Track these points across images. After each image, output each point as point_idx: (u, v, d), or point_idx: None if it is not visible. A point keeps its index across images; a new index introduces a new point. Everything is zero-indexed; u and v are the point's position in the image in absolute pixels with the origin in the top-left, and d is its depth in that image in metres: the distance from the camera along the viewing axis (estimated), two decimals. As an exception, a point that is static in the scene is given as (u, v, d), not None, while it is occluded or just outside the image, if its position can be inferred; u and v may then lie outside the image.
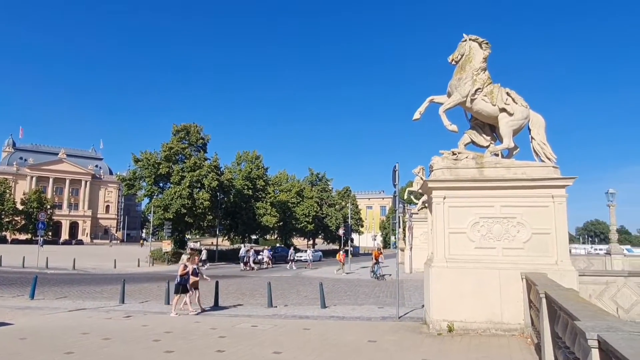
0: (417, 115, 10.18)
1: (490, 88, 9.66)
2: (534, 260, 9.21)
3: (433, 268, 9.79)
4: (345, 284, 23.89)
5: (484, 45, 9.74)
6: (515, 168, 9.34)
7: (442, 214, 9.61)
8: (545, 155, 9.38)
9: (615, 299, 9.70)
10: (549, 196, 9.07)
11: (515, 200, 9.32)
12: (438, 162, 9.76)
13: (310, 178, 72.35)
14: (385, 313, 13.02)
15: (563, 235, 9.07)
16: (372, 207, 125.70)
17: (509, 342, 8.76)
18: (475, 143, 10.37)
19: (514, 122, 9.50)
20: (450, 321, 9.53)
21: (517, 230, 9.30)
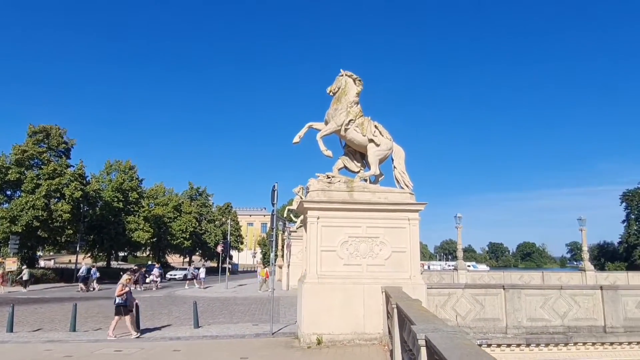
0: (297, 139, 10.86)
1: (362, 120, 10.81)
2: (393, 275, 10.39)
3: (306, 284, 10.37)
4: (221, 302, 23.40)
5: (357, 81, 10.90)
6: (380, 193, 10.53)
7: (315, 233, 10.29)
8: (404, 183, 10.77)
9: (455, 307, 11.41)
10: (405, 219, 10.40)
11: (379, 221, 10.46)
12: (314, 184, 10.49)
13: (190, 192, 69.44)
14: (260, 330, 13.19)
15: (416, 253, 10.45)
16: (253, 223, 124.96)
17: (369, 350, 9.68)
18: (348, 168, 11.41)
19: (380, 152, 10.75)
20: (319, 334, 10.15)
21: (380, 248, 10.43)
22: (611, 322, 11.72)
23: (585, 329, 11.66)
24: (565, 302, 11.71)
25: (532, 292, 11.72)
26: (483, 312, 11.46)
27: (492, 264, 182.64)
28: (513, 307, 11.43)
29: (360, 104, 11.04)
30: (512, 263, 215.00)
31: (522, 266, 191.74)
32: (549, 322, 11.62)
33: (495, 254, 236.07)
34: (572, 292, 11.88)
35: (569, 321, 11.67)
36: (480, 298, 11.49)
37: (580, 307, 11.74)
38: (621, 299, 11.88)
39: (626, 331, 11.72)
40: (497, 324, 11.45)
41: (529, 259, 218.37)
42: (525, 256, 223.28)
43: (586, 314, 11.78)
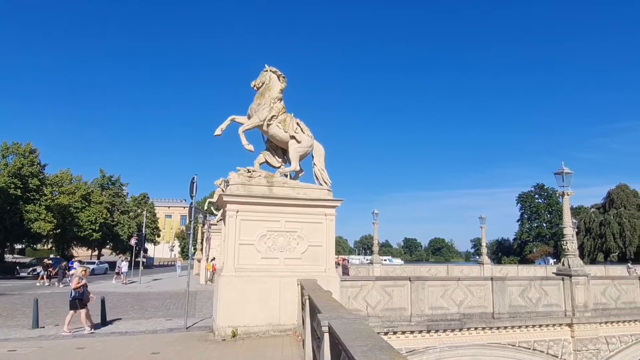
0: (219, 132, 10.78)
1: (284, 117, 11.02)
2: (309, 268, 10.78)
3: (222, 277, 10.38)
4: (133, 297, 22.31)
5: (281, 78, 11.08)
6: (299, 189, 10.85)
7: (234, 226, 10.33)
8: (323, 180, 11.20)
9: (366, 298, 12.14)
10: (323, 214, 10.84)
11: (297, 216, 10.78)
12: (234, 178, 10.51)
13: (101, 180, 64.61)
14: (174, 325, 12.90)
15: (331, 248, 10.95)
16: (172, 215, 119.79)
17: (283, 340, 9.98)
18: (269, 163, 11.56)
19: (301, 148, 11.06)
20: (235, 327, 10.23)
21: (297, 242, 10.76)
22: (499, 309, 13.25)
23: (477, 315, 13.06)
24: (461, 292, 13.00)
25: (434, 284, 12.84)
26: (391, 302, 12.33)
27: (406, 258, 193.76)
28: (417, 297, 12.44)
29: (284, 101, 11.24)
30: (424, 257, 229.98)
31: (432, 260, 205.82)
32: (447, 310, 12.83)
33: (409, 248, 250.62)
34: (468, 283, 13.22)
35: (464, 309, 12.99)
36: (389, 289, 12.33)
37: (474, 296, 13.12)
38: (507, 288, 13.48)
39: (510, 317, 13.34)
40: (402, 313, 12.39)
41: (439, 254, 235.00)
42: (436, 251, 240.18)
43: (479, 302, 13.19)
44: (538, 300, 13.84)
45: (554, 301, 14.01)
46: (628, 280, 16.03)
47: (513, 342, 13.43)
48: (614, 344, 14.82)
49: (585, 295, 14.25)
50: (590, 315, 14.31)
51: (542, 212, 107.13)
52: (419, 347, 12.44)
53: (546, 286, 14.06)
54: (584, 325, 14.15)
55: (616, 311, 14.98)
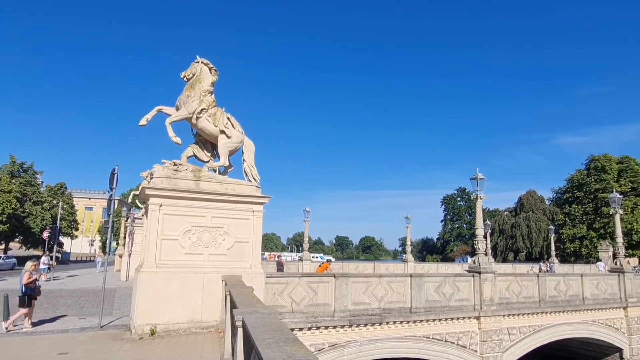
0: (144, 122, 10.33)
1: (215, 110, 10.83)
2: (234, 264, 10.72)
3: (142, 273, 9.99)
4: (42, 295, 20.58)
5: (213, 71, 10.87)
6: (227, 184, 10.73)
7: (156, 220, 9.99)
8: (252, 176, 11.18)
9: (291, 294, 12.33)
10: (250, 210, 10.82)
11: (224, 212, 10.66)
12: (159, 171, 10.14)
13: (11, 167, 58.61)
14: (87, 324, 12.15)
15: (258, 244, 10.97)
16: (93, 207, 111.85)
17: (204, 337, 9.83)
18: (198, 157, 11.30)
19: (231, 144, 10.94)
20: (154, 324, 9.90)
21: (223, 238, 10.64)
22: (416, 303, 14.09)
23: (397, 310, 13.79)
24: (383, 288, 13.66)
25: (357, 280, 13.35)
26: (316, 298, 12.63)
27: (337, 256, 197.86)
28: (341, 293, 12.86)
29: (215, 95, 11.04)
30: (354, 255, 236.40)
31: (362, 258, 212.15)
32: (369, 305, 13.40)
33: (341, 246, 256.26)
34: (389, 280, 13.92)
35: (385, 304, 13.66)
36: (314, 285, 12.62)
37: (394, 292, 13.84)
38: (425, 284, 14.38)
39: (426, 311, 14.24)
40: (326, 309, 12.74)
41: (369, 252, 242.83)
42: (366, 249, 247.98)
43: (398, 298, 13.93)
44: (451, 295, 14.92)
45: (465, 296, 15.19)
46: (528, 277, 17.78)
47: (427, 335, 14.36)
48: (514, 335, 16.39)
49: (491, 291, 15.60)
50: (496, 309, 15.70)
51: (463, 214, 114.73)
52: (341, 341, 12.88)
53: (459, 282, 15.19)
54: (490, 317, 15.50)
55: (517, 305, 16.58)
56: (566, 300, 18.10)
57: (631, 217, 59.85)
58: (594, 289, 19.28)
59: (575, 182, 70.78)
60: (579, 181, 69.50)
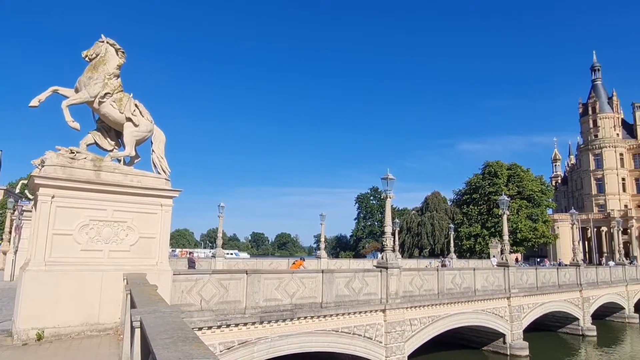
0: (35, 103, 9.22)
1: (121, 96, 10.03)
2: (138, 262, 10.04)
3: (28, 272, 8.94)
4: None
5: (120, 53, 10.05)
6: (133, 176, 10.01)
7: (47, 213, 8.99)
8: (162, 168, 10.55)
9: (201, 292, 11.90)
10: (158, 204, 10.22)
11: (128, 205, 9.93)
12: (52, 158, 9.13)
13: None
14: (-44, 330, 10.56)
15: (165, 240, 10.40)
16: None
17: (100, 341, 9.07)
18: (100, 146, 10.38)
19: (138, 133, 10.21)
20: (41, 328, 8.91)
21: (127, 234, 9.91)
22: (327, 298, 14.44)
23: (308, 305, 14.01)
24: (295, 284, 13.78)
25: (270, 276, 13.31)
26: (227, 295, 12.33)
27: (253, 252, 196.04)
28: (253, 290, 12.72)
29: (121, 79, 10.22)
30: (270, 251, 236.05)
31: (278, 254, 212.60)
32: (281, 301, 13.44)
33: (257, 242, 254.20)
34: (301, 276, 14.08)
35: (297, 300, 13.80)
36: (225, 282, 12.31)
37: (306, 288, 14.03)
38: (335, 280, 14.79)
39: (336, 305, 14.66)
40: (237, 306, 12.52)
41: (284, 248, 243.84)
42: (282, 245, 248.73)
43: (310, 293, 14.16)
44: (360, 290, 15.54)
45: (372, 290, 15.91)
46: (429, 272, 19.18)
47: (337, 329, 14.80)
48: (415, 325, 17.57)
49: (397, 285, 16.55)
50: (400, 302, 16.69)
51: (375, 213, 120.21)
52: (251, 339, 12.75)
53: (367, 277, 15.88)
54: (395, 310, 16.44)
55: (419, 297, 17.79)
56: (461, 292, 19.84)
57: (516, 218, 67.48)
58: (484, 282, 21.39)
59: (472, 185, 77.91)
60: (476, 184, 76.62)
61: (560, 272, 28.12)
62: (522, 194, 71.12)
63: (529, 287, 24.62)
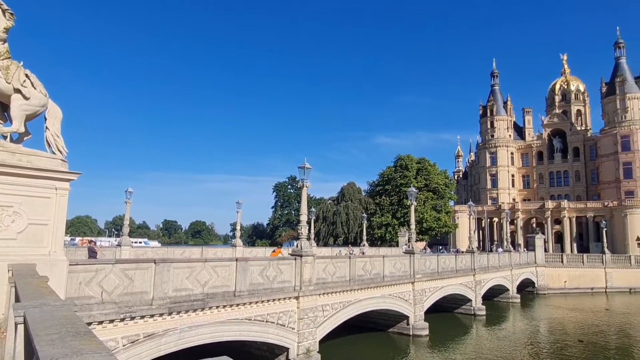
0: None
1: (8, 63, 8.79)
2: (27, 251, 8.98)
3: None
4: None
5: (8, 14, 8.77)
6: (21, 155, 8.88)
7: None
8: (58, 148, 9.50)
9: (102, 283, 11.01)
10: (52, 188, 9.20)
11: (15, 188, 8.80)
12: None
13: None
14: None
15: (60, 227, 9.42)
16: None
17: (-22, 340, 8.01)
18: (-21, 119, 9.03)
19: (29, 107, 9.06)
20: None
21: (13, 220, 8.79)
22: (240, 287, 14.27)
23: (220, 294, 13.72)
24: (207, 273, 13.39)
25: (180, 265, 12.77)
26: (132, 286, 11.60)
27: (164, 241, 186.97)
28: (161, 280, 12.11)
29: (9, 45, 8.94)
30: (183, 240, 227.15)
31: (192, 243, 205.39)
32: (192, 291, 12.98)
33: (169, 231, 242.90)
34: (214, 264, 13.73)
35: (209, 289, 13.44)
36: (130, 273, 11.56)
37: (219, 276, 13.71)
38: (250, 268, 14.67)
39: (249, 294, 14.56)
40: (144, 297, 11.84)
41: (199, 237, 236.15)
42: (196, 234, 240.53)
43: (223, 282, 13.87)
44: (274, 278, 15.59)
45: (287, 278, 16.07)
46: (342, 260, 19.89)
47: (250, 317, 14.72)
48: (327, 311, 18.13)
49: (310, 272, 16.89)
50: (313, 289, 17.07)
51: (293, 201, 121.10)
52: (159, 331, 12.17)
53: (282, 265, 15.99)
54: (308, 297, 16.78)
55: (332, 284, 18.36)
56: (371, 278, 20.87)
57: (423, 209, 72.41)
58: (392, 268, 22.73)
59: (385, 177, 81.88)
60: (388, 176, 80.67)
61: (457, 259, 30.89)
62: (429, 186, 76.47)
63: (431, 272, 26.68)
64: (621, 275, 50.28)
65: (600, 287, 49.26)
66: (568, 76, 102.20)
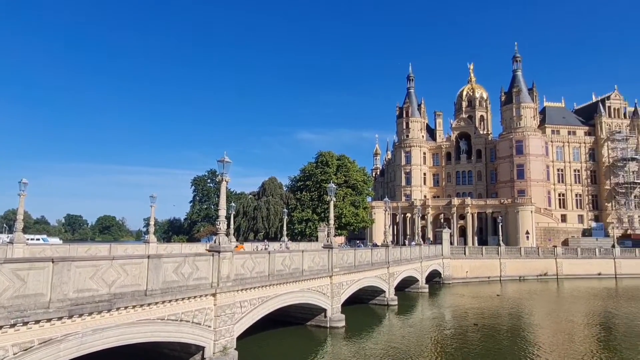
0: None
1: None
2: None
3: None
4: None
5: None
6: None
7: None
8: None
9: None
10: None
11: None
12: None
13: None
14: None
15: None
16: None
17: None
18: None
19: None
20: None
21: None
22: (152, 286, 13.52)
23: (130, 294, 12.88)
24: (115, 271, 12.49)
25: (83, 264, 11.76)
26: (24, 288, 10.46)
27: (67, 238, 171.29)
28: (61, 280, 11.06)
29: None
30: (90, 236, 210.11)
31: (100, 239, 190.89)
32: (97, 291, 12.03)
33: (72, 226, 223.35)
34: (123, 262, 12.84)
35: (117, 288, 12.54)
36: (22, 273, 10.41)
37: (128, 275, 12.86)
38: (163, 265, 13.96)
39: (163, 292, 13.86)
40: (39, 300, 10.74)
41: (107, 232, 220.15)
42: (105, 229, 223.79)
43: (133, 281, 13.03)
44: (190, 275, 15.02)
45: (203, 275, 15.57)
46: (261, 255, 19.75)
47: (163, 317, 14.03)
48: (245, 307, 17.92)
49: (229, 268, 16.56)
50: (231, 285, 16.76)
51: (212, 196, 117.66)
52: (57, 336, 11.13)
53: (198, 262, 15.45)
54: (226, 293, 16.43)
55: (250, 280, 18.17)
56: (290, 273, 21.01)
57: (342, 204, 74.53)
58: (311, 262, 23.10)
59: (306, 173, 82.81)
60: (309, 172, 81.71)
61: (373, 252, 32.31)
62: (348, 182, 78.84)
63: (348, 266, 27.59)
64: (513, 265, 56.36)
65: (495, 276, 54.74)
66: (474, 84, 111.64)
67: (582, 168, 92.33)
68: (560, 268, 57.98)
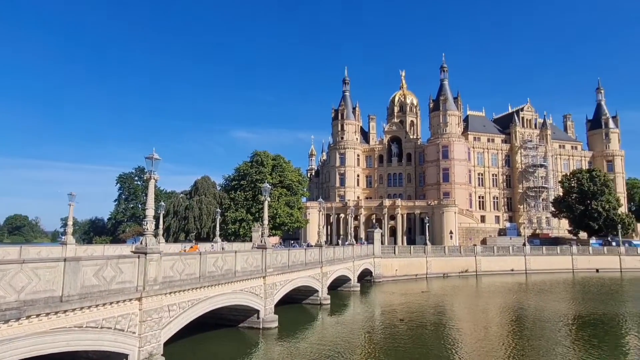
0: None
1: None
2: None
3: None
4: None
5: None
6: None
7: None
8: None
9: None
10: None
11: None
12: None
13: None
14: None
15: None
16: None
17: None
18: None
19: None
20: None
21: None
22: (69, 291, 12.51)
23: (43, 300, 11.82)
24: (25, 276, 11.40)
25: (-13, 269, 10.59)
26: None
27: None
28: (-42, 288, 9.87)
29: None
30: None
31: (8, 241, 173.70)
32: (3, 298, 10.90)
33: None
34: (35, 266, 11.76)
35: (27, 295, 11.46)
36: None
37: (40, 280, 11.79)
38: (82, 269, 12.97)
39: (81, 298, 12.88)
40: None
41: (19, 233, 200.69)
42: (15, 230, 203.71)
43: (46, 286, 11.97)
44: (113, 279, 14.11)
45: (127, 278, 14.70)
46: (192, 256, 19.06)
47: (81, 324, 13.04)
48: (174, 311, 17.20)
49: (156, 270, 15.79)
50: (159, 288, 16.00)
51: (140, 194, 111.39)
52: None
53: (122, 264, 14.56)
54: (152, 297, 15.65)
55: (180, 282, 17.48)
56: (222, 274, 20.51)
57: (277, 204, 74.19)
58: (244, 263, 22.74)
59: (241, 172, 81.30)
60: (244, 171, 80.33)
61: (307, 252, 32.55)
62: (283, 183, 78.62)
63: (282, 266, 27.53)
64: (438, 263, 59.73)
65: (422, 274, 57.64)
66: (405, 90, 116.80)
67: (499, 173, 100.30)
68: (479, 265, 62.48)
